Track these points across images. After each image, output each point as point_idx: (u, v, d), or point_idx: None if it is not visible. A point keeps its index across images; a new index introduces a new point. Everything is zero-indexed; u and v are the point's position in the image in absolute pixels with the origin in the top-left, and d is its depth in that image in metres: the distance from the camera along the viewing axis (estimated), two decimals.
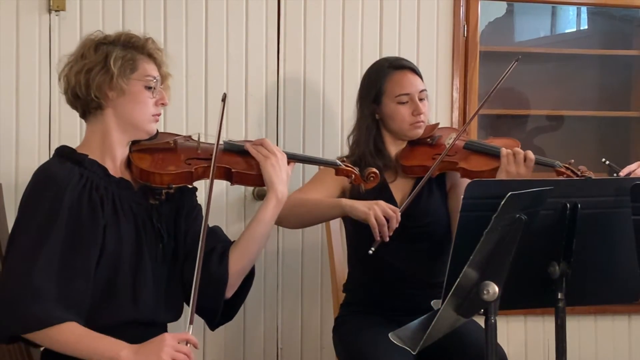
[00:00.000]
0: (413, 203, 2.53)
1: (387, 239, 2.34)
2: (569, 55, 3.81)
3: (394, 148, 2.67)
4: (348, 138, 2.73)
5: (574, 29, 4.04)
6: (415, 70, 2.66)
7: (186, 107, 3.05)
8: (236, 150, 2.21)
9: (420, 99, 2.62)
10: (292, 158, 2.25)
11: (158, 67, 2.12)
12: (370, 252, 2.36)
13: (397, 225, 2.34)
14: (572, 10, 3.99)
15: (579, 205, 1.90)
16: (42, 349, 2.09)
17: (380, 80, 2.63)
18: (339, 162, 2.31)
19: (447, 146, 2.59)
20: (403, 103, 2.60)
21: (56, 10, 2.92)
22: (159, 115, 2.12)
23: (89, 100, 2.04)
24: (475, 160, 2.59)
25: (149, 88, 2.07)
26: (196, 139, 2.20)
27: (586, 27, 3.97)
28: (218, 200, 3.07)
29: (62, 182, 1.97)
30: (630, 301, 2.13)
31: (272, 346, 3.18)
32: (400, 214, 2.37)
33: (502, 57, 3.68)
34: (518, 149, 2.52)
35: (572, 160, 2.59)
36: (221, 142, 2.15)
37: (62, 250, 1.93)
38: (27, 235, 1.93)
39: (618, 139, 3.85)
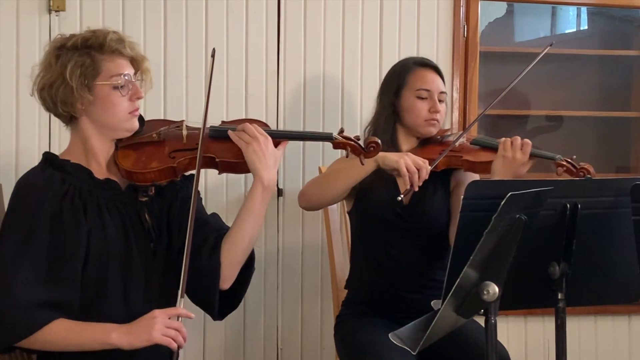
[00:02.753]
0: (417, 200, 2.56)
1: (417, 188, 2.39)
2: (569, 55, 3.81)
3: (405, 145, 2.68)
4: (365, 130, 2.73)
5: (574, 29, 4.04)
6: (439, 72, 2.70)
7: (186, 107, 3.05)
8: (222, 136, 2.12)
9: (440, 100, 2.66)
10: (282, 137, 2.16)
11: (127, 58, 2.04)
12: (399, 198, 2.41)
13: (426, 177, 2.39)
14: (572, 10, 3.99)
15: (579, 206, 1.90)
16: None
17: (404, 74, 2.67)
18: (334, 134, 2.20)
19: (453, 141, 2.62)
20: (422, 98, 2.64)
21: (56, 11, 2.92)
22: (136, 110, 2.05)
23: (60, 114, 2.03)
24: (479, 154, 2.62)
25: (119, 87, 2.00)
26: (184, 125, 2.14)
27: (586, 27, 3.98)
28: (217, 199, 3.07)
29: (42, 191, 1.95)
30: (631, 301, 2.13)
31: (272, 346, 3.18)
32: (430, 168, 2.41)
33: (502, 58, 3.68)
34: (517, 137, 2.55)
35: (575, 157, 2.59)
36: (207, 125, 2.08)
37: (47, 258, 1.91)
38: (9, 247, 1.92)
39: (618, 139, 3.85)
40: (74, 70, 1.96)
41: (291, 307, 3.19)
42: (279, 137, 2.14)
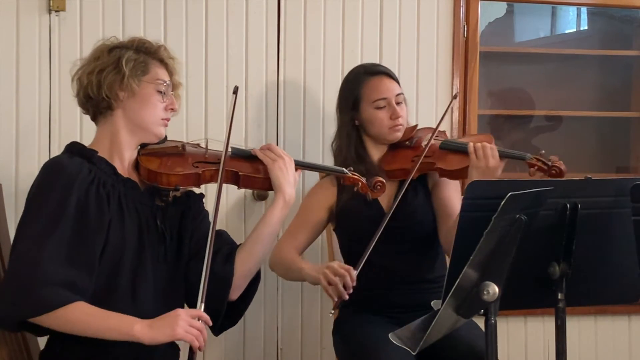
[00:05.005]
0: (399, 205, 2.56)
1: (346, 297, 2.31)
2: (569, 55, 3.81)
3: (376, 152, 2.70)
4: (331, 145, 2.76)
5: (574, 30, 4.04)
6: (391, 75, 2.69)
7: (186, 107, 3.05)
8: (243, 155, 2.24)
9: (398, 103, 2.66)
10: (299, 165, 2.28)
11: (170, 74, 2.16)
12: (331, 314, 2.39)
13: (353, 283, 2.31)
14: (572, 10, 3.99)
15: (579, 206, 1.90)
16: (42, 348, 2.10)
17: (358, 87, 2.67)
18: (346, 170, 2.34)
19: (424, 147, 2.61)
20: (381, 108, 2.64)
21: (56, 11, 2.92)
22: (168, 119, 2.16)
23: (100, 100, 2.08)
24: (451, 159, 2.61)
25: (160, 92, 2.11)
26: (204, 145, 2.24)
27: (586, 27, 3.98)
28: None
29: (71, 174, 2.00)
30: (630, 301, 2.13)
31: (272, 346, 3.18)
32: (355, 272, 2.34)
33: (502, 58, 3.68)
34: (484, 143, 2.53)
35: (543, 151, 2.58)
36: (228, 148, 2.17)
37: (69, 240, 1.95)
38: (37, 223, 1.96)
39: (618, 139, 3.85)
40: (129, 61, 2.08)
41: (291, 307, 3.19)
42: (296, 165, 2.26)
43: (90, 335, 1.94)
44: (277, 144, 3.11)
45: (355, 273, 2.33)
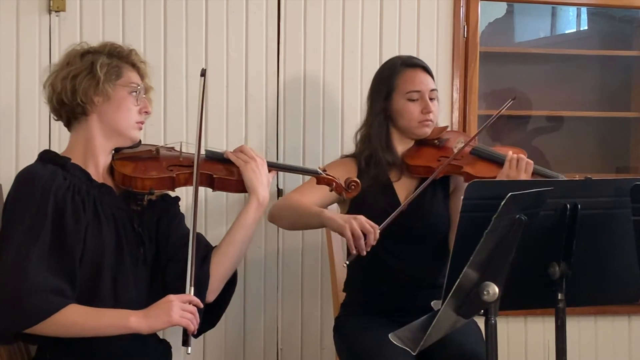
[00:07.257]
0: (416, 204, 2.53)
1: (364, 253, 2.29)
2: (569, 55, 3.81)
3: (401, 146, 2.68)
4: (356, 135, 2.73)
5: (574, 30, 4.05)
6: (427, 70, 2.67)
7: (186, 107, 3.05)
8: (217, 158, 2.25)
9: (431, 99, 2.63)
10: (272, 166, 2.29)
11: (141, 77, 2.18)
12: (344, 265, 2.35)
13: (374, 242, 2.29)
14: (572, 10, 3.99)
15: (579, 206, 1.91)
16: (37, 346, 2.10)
17: (393, 77, 2.64)
18: (319, 170, 2.32)
19: (456, 150, 2.59)
20: (413, 100, 2.61)
21: (56, 11, 2.92)
22: (142, 123, 2.17)
23: (75, 106, 2.08)
24: (480, 166, 2.58)
25: (133, 95, 2.12)
26: (178, 148, 2.24)
27: (586, 27, 3.98)
28: (217, 200, 3.07)
29: (47, 183, 2.00)
30: (631, 302, 2.13)
31: (272, 346, 3.18)
32: (378, 231, 2.30)
33: (502, 58, 3.68)
34: (523, 156, 2.51)
35: (577, 177, 2.58)
36: (202, 151, 2.18)
37: (50, 249, 1.95)
38: (18, 234, 1.95)
39: (618, 139, 3.85)
40: (103, 66, 2.09)
41: (291, 307, 3.19)
42: (270, 166, 2.26)
43: (88, 335, 1.95)
44: (277, 144, 3.12)
45: (378, 232, 2.29)
